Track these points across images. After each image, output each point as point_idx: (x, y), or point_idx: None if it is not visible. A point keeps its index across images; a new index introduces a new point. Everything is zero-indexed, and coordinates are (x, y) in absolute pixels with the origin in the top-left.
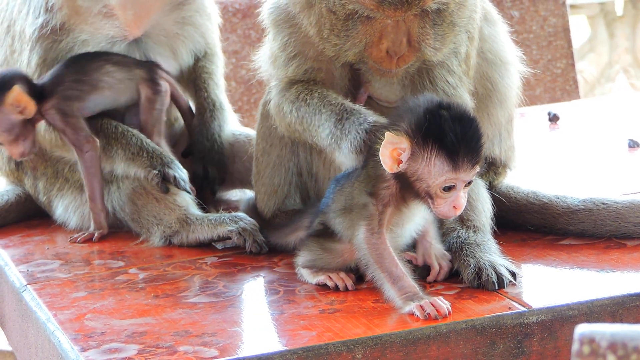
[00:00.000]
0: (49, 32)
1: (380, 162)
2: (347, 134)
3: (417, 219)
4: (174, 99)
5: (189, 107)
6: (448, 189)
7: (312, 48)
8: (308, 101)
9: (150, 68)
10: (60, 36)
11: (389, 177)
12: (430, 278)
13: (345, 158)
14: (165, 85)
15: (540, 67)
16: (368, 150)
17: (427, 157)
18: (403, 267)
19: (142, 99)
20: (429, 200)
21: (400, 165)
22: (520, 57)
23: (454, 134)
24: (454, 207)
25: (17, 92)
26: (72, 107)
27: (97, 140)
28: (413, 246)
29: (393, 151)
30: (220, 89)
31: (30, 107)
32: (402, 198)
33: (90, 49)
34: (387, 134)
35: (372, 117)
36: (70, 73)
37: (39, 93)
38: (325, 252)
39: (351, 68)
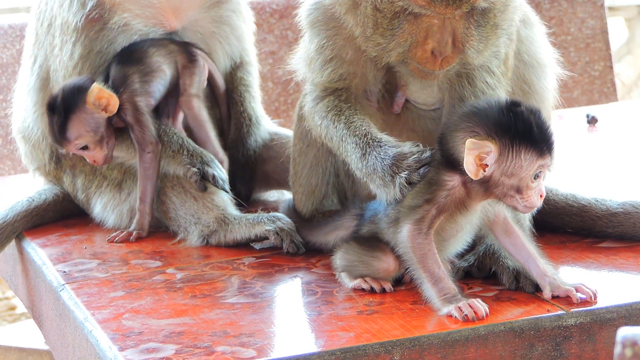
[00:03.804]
0: (91, 19)
1: (441, 169)
2: (373, 172)
3: (467, 229)
4: (210, 78)
5: (225, 91)
6: (536, 177)
7: (350, 51)
8: (335, 124)
9: (184, 43)
10: (102, 24)
11: (454, 184)
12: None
13: (378, 192)
14: (201, 59)
15: (578, 69)
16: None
17: (515, 153)
18: (445, 268)
19: (179, 68)
20: (517, 196)
21: (487, 169)
22: (557, 59)
23: (536, 125)
24: (540, 195)
25: (98, 89)
26: (142, 102)
27: (160, 144)
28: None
29: (476, 157)
30: (256, 101)
31: (113, 101)
32: (463, 204)
33: (128, 38)
34: (469, 141)
35: (393, 149)
36: (130, 67)
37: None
38: (363, 265)
39: (386, 72)
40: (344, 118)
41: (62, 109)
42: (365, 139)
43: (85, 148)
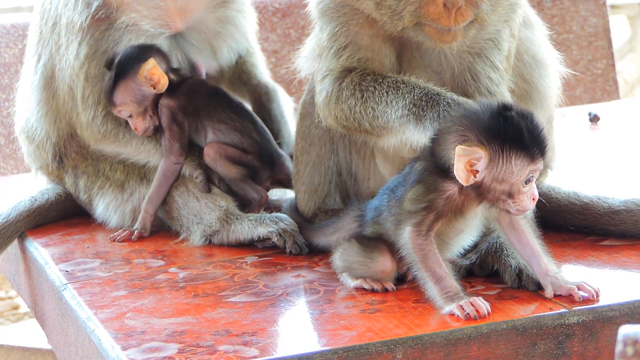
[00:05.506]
0: (97, 19)
1: (437, 176)
2: (432, 106)
3: (469, 231)
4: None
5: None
6: (527, 181)
7: (365, 37)
8: (379, 81)
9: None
10: (108, 24)
11: (451, 192)
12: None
13: (422, 131)
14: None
15: (580, 67)
16: (425, 162)
17: (506, 159)
18: (447, 267)
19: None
20: (509, 201)
21: (477, 175)
22: (559, 58)
23: (526, 130)
24: (532, 198)
25: (152, 65)
26: (183, 118)
27: (185, 157)
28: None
29: (467, 163)
30: (267, 77)
31: (163, 81)
32: (460, 210)
33: (133, 38)
34: (458, 147)
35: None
36: (200, 99)
37: (172, 81)
38: (361, 266)
39: (398, 58)
40: (389, 75)
41: (115, 71)
42: (421, 84)
43: (129, 116)
